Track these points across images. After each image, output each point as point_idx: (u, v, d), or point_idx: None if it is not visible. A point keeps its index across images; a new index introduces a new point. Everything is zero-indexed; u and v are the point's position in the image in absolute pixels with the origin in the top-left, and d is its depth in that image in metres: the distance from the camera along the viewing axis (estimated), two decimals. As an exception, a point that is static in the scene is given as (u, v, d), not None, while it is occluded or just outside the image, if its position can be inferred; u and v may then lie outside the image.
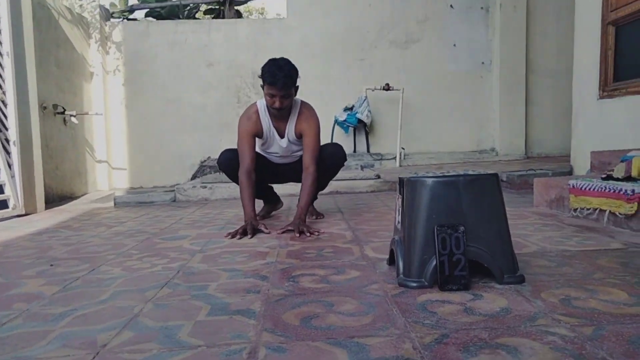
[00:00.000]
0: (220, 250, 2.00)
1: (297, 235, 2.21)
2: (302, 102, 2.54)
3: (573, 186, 2.43)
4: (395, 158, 5.52)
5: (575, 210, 2.42)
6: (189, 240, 2.25)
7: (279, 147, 2.58)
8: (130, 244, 2.25)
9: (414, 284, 1.37)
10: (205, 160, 5.79)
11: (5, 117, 3.44)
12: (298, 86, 2.43)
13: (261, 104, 2.51)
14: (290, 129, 2.51)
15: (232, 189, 4.12)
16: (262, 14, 16.20)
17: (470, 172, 1.50)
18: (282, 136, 2.54)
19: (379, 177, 4.34)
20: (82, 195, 5.10)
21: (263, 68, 2.34)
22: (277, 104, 2.34)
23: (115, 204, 3.97)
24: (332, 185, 3.76)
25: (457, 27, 5.82)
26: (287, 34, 5.77)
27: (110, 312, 1.30)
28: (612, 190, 2.16)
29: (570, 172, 3.71)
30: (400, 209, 1.52)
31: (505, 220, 1.43)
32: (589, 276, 1.42)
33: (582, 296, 1.24)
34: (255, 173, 2.46)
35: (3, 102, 3.43)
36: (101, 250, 2.13)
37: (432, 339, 1.01)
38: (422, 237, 1.38)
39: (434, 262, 1.35)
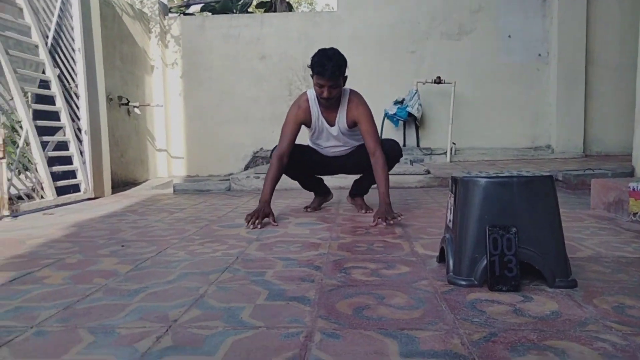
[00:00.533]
0: (275, 240, 2.11)
1: (391, 222, 2.27)
2: (351, 91, 2.59)
3: (633, 189, 2.35)
4: (445, 153, 5.46)
5: (634, 214, 2.35)
6: (245, 229, 2.37)
7: (329, 135, 2.64)
8: (192, 229, 2.40)
9: (464, 283, 1.41)
10: (257, 151, 5.96)
11: (78, 108, 3.71)
12: (347, 76, 2.48)
13: (311, 93, 2.58)
14: (341, 118, 2.57)
15: (282, 181, 4.24)
16: (311, 4, 16.26)
17: (524, 173, 1.51)
18: (332, 125, 2.60)
19: (428, 172, 4.33)
20: (144, 181, 5.40)
21: (312, 58, 2.41)
22: (325, 94, 2.41)
23: (174, 191, 4.20)
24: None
25: (512, 17, 5.64)
26: (337, 26, 5.81)
27: (178, 291, 1.42)
28: (676, 195, 2.08)
29: (631, 174, 3.55)
30: (452, 207, 1.55)
31: (559, 224, 1.43)
32: (646, 283, 1.40)
33: (637, 305, 1.23)
34: (288, 158, 2.56)
35: (76, 94, 3.71)
36: (165, 234, 2.29)
37: (480, 336, 1.05)
38: (473, 236, 1.42)
39: (485, 262, 1.38)
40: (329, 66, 2.33)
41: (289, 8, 7.32)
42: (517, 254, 1.36)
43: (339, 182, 4.02)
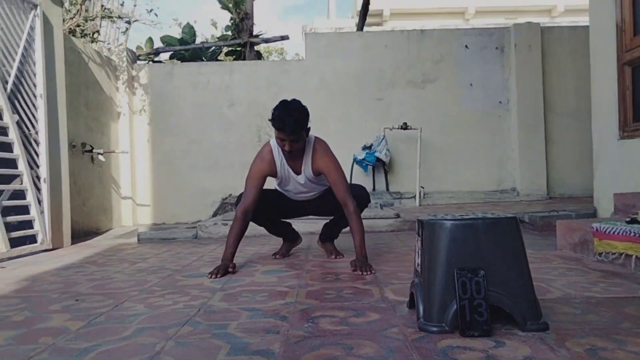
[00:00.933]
0: (241, 289, 2.02)
1: (368, 273, 2.22)
2: (316, 139, 2.54)
3: (597, 229, 2.40)
4: (414, 197, 5.51)
5: (600, 254, 2.38)
6: (209, 278, 2.27)
7: (296, 183, 2.59)
8: (153, 280, 2.28)
9: (435, 329, 1.36)
10: (226, 198, 5.87)
11: (37, 155, 3.59)
12: (310, 127, 2.43)
13: (274, 143, 2.52)
14: (306, 167, 2.52)
15: (252, 227, 4.16)
16: (281, 54, 16.70)
17: (489, 215, 1.51)
18: (298, 173, 2.55)
19: (398, 216, 4.34)
20: (107, 230, 5.20)
21: (273, 112, 2.35)
22: (287, 147, 2.36)
23: (139, 240, 4.04)
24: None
25: (472, 67, 5.92)
26: (305, 74, 5.94)
27: (132, 348, 1.32)
28: (637, 235, 2.12)
29: (594, 214, 3.65)
30: (419, 251, 1.52)
31: (527, 264, 1.42)
32: (616, 325, 1.39)
33: (609, 347, 1.21)
34: (253, 214, 2.50)
35: (36, 141, 3.59)
36: (125, 286, 2.17)
37: (453, 386, 1.00)
38: (442, 280, 1.38)
39: (455, 307, 1.35)
40: (289, 122, 2.28)
41: (258, 57, 7.48)
42: (486, 298, 1.33)
43: (309, 227, 3.97)
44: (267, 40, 7.17)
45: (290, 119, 2.29)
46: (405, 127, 5.57)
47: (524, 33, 5.80)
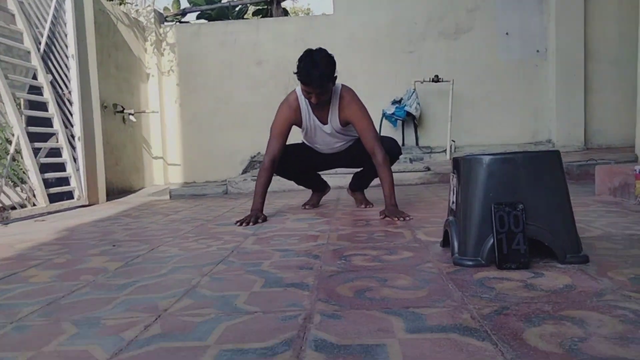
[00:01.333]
0: (272, 234, 2.04)
1: (400, 219, 2.18)
2: (343, 87, 2.45)
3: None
4: (445, 151, 5.39)
5: (643, 197, 2.28)
6: (241, 226, 2.30)
7: (323, 133, 2.52)
8: (186, 228, 2.33)
9: (470, 263, 1.33)
10: (255, 156, 5.90)
11: (71, 114, 3.66)
12: (336, 76, 2.35)
13: (300, 90, 2.43)
14: (333, 117, 2.45)
15: (281, 182, 4.17)
16: (307, 14, 16.32)
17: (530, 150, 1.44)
18: (324, 123, 2.48)
19: (429, 169, 4.26)
20: (140, 189, 5.34)
21: (298, 63, 2.25)
22: (313, 100, 2.29)
23: (170, 197, 4.13)
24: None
25: (509, 15, 5.61)
26: (334, 29, 5.78)
27: (170, 283, 1.35)
28: (685, 174, 2.01)
29: (635, 161, 3.49)
30: (454, 188, 1.48)
31: (568, 198, 1.36)
32: (662, 257, 1.33)
33: (655, 275, 1.16)
34: (280, 163, 2.45)
35: (69, 100, 3.66)
36: (159, 234, 2.22)
37: (491, 310, 0.98)
38: (478, 215, 1.35)
39: (492, 241, 1.31)
40: (315, 75, 2.20)
41: (285, 14, 7.32)
42: (525, 231, 1.29)
43: (339, 182, 3.95)
44: (293, -5, 6.99)
45: (316, 71, 2.21)
46: (436, 79, 5.39)
47: (565, -25, 5.43)
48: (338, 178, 3.87)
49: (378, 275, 1.29)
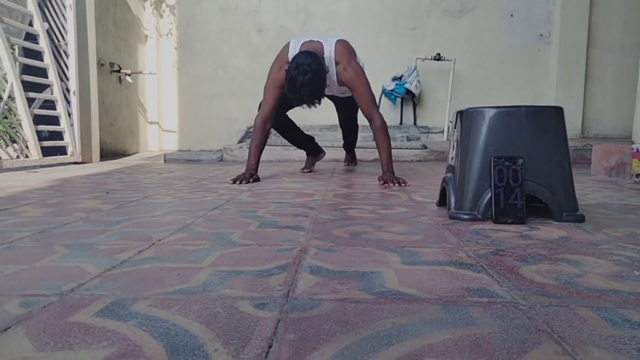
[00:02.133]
0: (268, 191, 2.02)
1: (396, 185, 2.15)
2: (336, 51, 2.32)
3: (637, 149, 2.29)
4: (442, 132, 5.38)
5: (638, 175, 2.29)
6: (235, 184, 2.28)
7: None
8: (181, 183, 2.31)
9: (466, 216, 1.33)
10: (251, 127, 5.85)
11: (67, 67, 3.59)
12: (329, 69, 2.30)
13: (294, 43, 2.35)
14: (331, 82, 2.38)
15: (277, 152, 4.16)
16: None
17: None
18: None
19: (425, 147, 4.25)
20: (134, 153, 5.29)
21: (287, 72, 2.17)
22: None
23: (165, 161, 4.10)
24: (377, 153, 3.72)
25: (515, -3, 5.55)
26: (337, 0, 5.69)
27: (164, 221, 1.34)
28: (682, 152, 2.02)
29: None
30: (455, 143, 1.47)
31: (568, 156, 1.36)
32: (656, 221, 1.33)
33: (649, 234, 1.17)
34: (272, 123, 2.44)
35: (65, 53, 3.58)
36: (153, 186, 2.20)
37: (487, 251, 0.98)
38: (477, 169, 1.34)
39: (489, 195, 1.31)
40: (303, 92, 2.14)
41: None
42: (523, 186, 1.29)
43: (335, 155, 3.94)
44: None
45: (305, 89, 2.14)
46: (438, 57, 5.34)
47: (574, -41, 5.37)
48: (336, 150, 3.85)
49: (374, 224, 1.29)
